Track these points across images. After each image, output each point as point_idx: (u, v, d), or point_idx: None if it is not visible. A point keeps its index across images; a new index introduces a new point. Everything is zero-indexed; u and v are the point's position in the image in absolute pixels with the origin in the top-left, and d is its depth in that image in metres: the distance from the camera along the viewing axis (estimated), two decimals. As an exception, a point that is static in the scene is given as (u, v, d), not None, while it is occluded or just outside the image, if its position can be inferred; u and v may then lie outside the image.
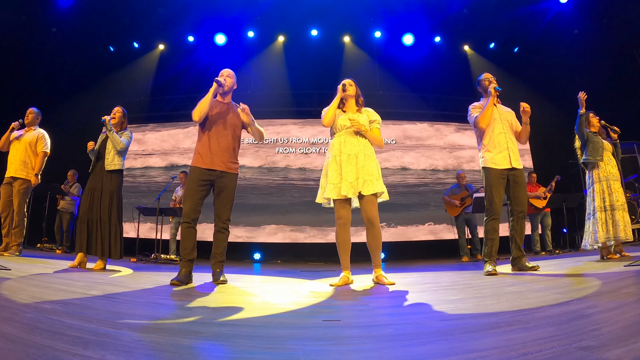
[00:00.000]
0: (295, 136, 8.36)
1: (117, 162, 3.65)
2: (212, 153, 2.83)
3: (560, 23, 7.62)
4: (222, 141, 2.86)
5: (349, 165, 2.71)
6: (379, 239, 2.75)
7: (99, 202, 3.57)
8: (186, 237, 2.78)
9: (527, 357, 0.91)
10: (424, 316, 1.55)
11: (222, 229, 2.86)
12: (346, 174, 2.69)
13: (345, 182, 2.67)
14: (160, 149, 8.51)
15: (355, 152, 2.73)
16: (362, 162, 2.71)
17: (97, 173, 3.65)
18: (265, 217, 7.95)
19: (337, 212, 2.76)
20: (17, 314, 1.40)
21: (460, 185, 6.46)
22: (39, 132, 4.39)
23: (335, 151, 2.78)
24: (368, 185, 2.67)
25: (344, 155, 2.73)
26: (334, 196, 2.71)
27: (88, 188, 3.63)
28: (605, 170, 3.78)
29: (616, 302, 1.51)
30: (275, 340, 1.21)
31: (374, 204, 2.72)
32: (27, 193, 4.29)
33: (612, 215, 3.66)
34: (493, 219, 3.16)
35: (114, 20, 7.71)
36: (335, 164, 2.75)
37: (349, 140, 2.78)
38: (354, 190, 2.67)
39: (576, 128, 3.97)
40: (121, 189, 3.72)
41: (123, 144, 3.63)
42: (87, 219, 3.54)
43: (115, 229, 3.59)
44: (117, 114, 3.76)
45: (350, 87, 2.89)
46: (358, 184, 2.67)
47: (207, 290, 2.42)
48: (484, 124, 3.21)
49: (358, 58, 8.55)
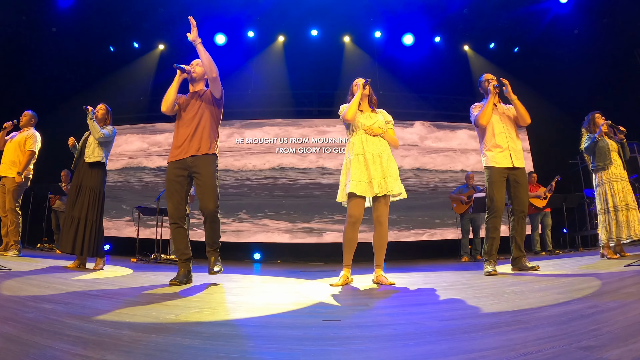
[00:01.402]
0: (295, 136, 8.36)
1: (97, 154, 3.62)
2: (179, 142, 2.74)
3: (560, 23, 7.61)
4: (188, 128, 2.75)
5: (374, 164, 2.71)
6: (385, 239, 2.76)
7: (79, 198, 3.54)
8: (177, 238, 2.73)
9: (527, 357, 0.91)
10: (424, 316, 1.55)
11: (209, 218, 2.70)
12: (375, 173, 2.69)
13: (375, 181, 2.67)
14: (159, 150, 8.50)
15: (379, 152, 2.75)
16: (386, 162, 2.73)
17: (79, 169, 3.64)
18: (265, 217, 7.95)
19: (350, 209, 2.73)
20: (17, 314, 1.40)
21: (468, 185, 6.49)
22: (30, 131, 4.42)
23: (357, 149, 2.77)
24: (393, 185, 2.68)
25: (369, 155, 2.73)
26: (360, 192, 2.67)
27: (72, 185, 3.63)
28: (609, 172, 3.77)
29: (616, 302, 1.51)
30: (275, 340, 1.21)
31: (387, 204, 2.75)
32: (19, 191, 4.30)
33: (615, 216, 3.66)
34: (494, 217, 3.17)
35: (114, 20, 7.71)
36: (359, 163, 2.73)
37: (371, 139, 2.79)
38: (381, 189, 2.68)
39: (586, 147, 3.92)
40: (103, 185, 3.67)
41: (102, 134, 3.60)
42: (71, 217, 3.51)
43: (92, 226, 3.52)
44: (100, 111, 3.76)
45: (367, 86, 2.92)
46: (386, 183, 2.68)
47: (208, 290, 2.41)
48: (484, 120, 3.22)
49: (358, 58, 8.54)
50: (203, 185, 2.68)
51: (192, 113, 2.79)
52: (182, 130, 2.77)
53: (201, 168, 2.69)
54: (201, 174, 2.68)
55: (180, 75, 2.84)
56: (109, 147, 3.74)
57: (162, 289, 2.37)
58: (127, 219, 8.04)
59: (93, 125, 3.59)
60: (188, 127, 2.76)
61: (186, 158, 2.71)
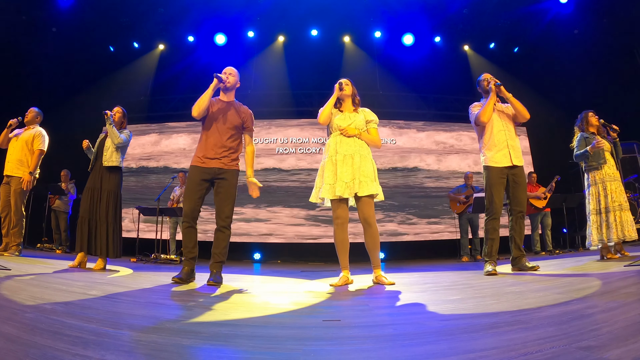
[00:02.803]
0: (295, 136, 8.36)
1: (115, 158, 3.63)
2: (209, 152, 2.79)
3: (560, 23, 7.61)
4: (220, 139, 2.82)
5: (344, 165, 2.70)
6: (376, 239, 2.75)
7: (98, 201, 3.57)
8: (187, 236, 2.79)
9: (527, 357, 0.91)
10: (424, 316, 1.55)
11: (222, 228, 2.79)
12: (342, 174, 2.68)
13: (340, 183, 2.67)
14: (159, 150, 8.50)
15: (351, 153, 2.73)
16: (358, 163, 2.71)
17: (97, 172, 3.65)
18: (265, 217, 7.95)
19: (335, 212, 2.76)
20: (17, 314, 1.40)
21: (467, 185, 6.49)
22: (36, 130, 4.34)
23: (331, 151, 2.78)
24: (364, 187, 2.67)
25: (340, 156, 2.73)
26: (329, 196, 2.70)
27: (88, 187, 3.63)
28: (602, 172, 3.73)
29: (616, 302, 1.51)
30: (275, 340, 1.21)
31: (370, 204, 2.72)
32: (25, 192, 4.24)
33: (606, 217, 3.62)
34: (493, 218, 3.16)
35: (114, 20, 7.71)
36: (331, 164, 2.75)
37: (345, 140, 2.78)
38: (349, 190, 2.67)
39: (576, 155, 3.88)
40: (120, 188, 3.71)
41: (121, 139, 3.62)
42: (88, 218, 3.54)
43: (113, 228, 3.58)
44: (117, 114, 3.76)
45: (346, 86, 2.90)
46: (354, 184, 2.67)
47: (208, 290, 2.41)
48: (485, 117, 3.21)
49: (358, 58, 8.55)
50: (225, 194, 2.80)
51: (223, 123, 2.85)
52: (213, 139, 2.83)
53: (228, 181, 2.81)
54: (226, 184, 2.80)
55: (217, 84, 2.86)
56: (125, 151, 3.75)
57: (162, 289, 2.37)
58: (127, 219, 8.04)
59: (112, 130, 3.59)
60: (218, 136, 2.83)
61: (214, 168, 2.79)
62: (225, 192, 2.80)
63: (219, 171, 2.80)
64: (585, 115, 3.93)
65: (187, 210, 2.77)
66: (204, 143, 2.85)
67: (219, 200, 2.80)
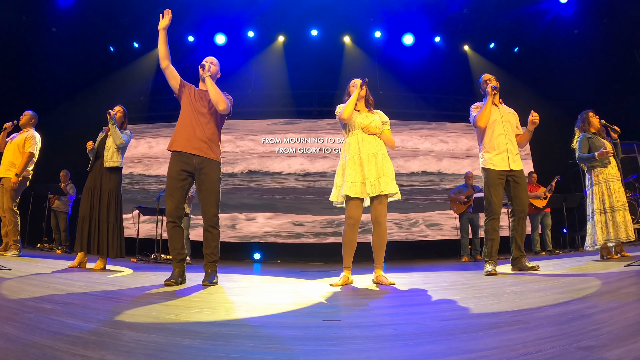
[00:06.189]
0: (295, 136, 8.36)
1: (116, 159, 3.64)
2: (187, 135, 2.72)
3: (560, 23, 7.61)
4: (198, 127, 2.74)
5: (369, 164, 2.70)
6: (384, 238, 2.76)
7: (98, 201, 3.57)
8: (173, 237, 2.70)
9: (527, 357, 0.91)
10: (424, 316, 1.55)
11: (209, 228, 2.71)
12: (369, 173, 2.68)
13: (368, 182, 2.67)
14: (160, 150, 8.50)
15: (375, 152, 2.74)
16: (381, 162, 2.72)
17: (96, 171, 3.65)
18: (265, 217, 7.95)
19: (349, 211, 2.73)
20: (17, 314, 1.40)
21: (467, 184, 6.49)
22: (29, 133, 4.40)
23: (353, 150, 2.76)
24: (388, 185, 2.67)
25: (364, 154, 2.72)
26: (354, 194, 2.67)
27: (87, 187, 3.63)
28: (605, 171, 3.74)
29: (616, 302, 1.51)
30: (275, 340, 1.21)
31: (385, 204, 2.74)
32: (16, 192, 4.29)
33: (612, 216, 3.62)
34: (493, 219, 3.16)
35: (114, 20, 7.71)
36: (354, 163, 2.72)
37: (367, 139, 2.78)
38: (374, 189, 2.66)
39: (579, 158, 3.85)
40: (120, 188, 3.71)
41: (123, 140, 3.62)
42: (88, 218, 3.54)
43: (114, 228, 3.58)
44: (118, 114, 3.76)
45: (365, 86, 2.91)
46: (380, 183, 2.67)
47: (208, 290, 2.41)
48: (482, 122, 3.22)
49: (358, 58, 8.54)
50: (207, 190, 2.71)
51: (203, 111, 2.78)
52: (190, 124, 2.74)
53: (208, 173, 2.70)
54: (207, 179, 2.70)
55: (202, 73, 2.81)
56: (124, 151, 3.75)
57: (162, 289, 2.37)
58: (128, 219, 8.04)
59: (115, 131, 3.59)
60: (197, 123, 2.75)
61: (192, 155, 2.70)
62: (208, 190, 2.70)
63: (199, 163, 2.69)
64: (586, 116, 3.93)
65: (170, 209, 2.66)
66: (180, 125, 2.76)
67: (203, 199, 2.71)
